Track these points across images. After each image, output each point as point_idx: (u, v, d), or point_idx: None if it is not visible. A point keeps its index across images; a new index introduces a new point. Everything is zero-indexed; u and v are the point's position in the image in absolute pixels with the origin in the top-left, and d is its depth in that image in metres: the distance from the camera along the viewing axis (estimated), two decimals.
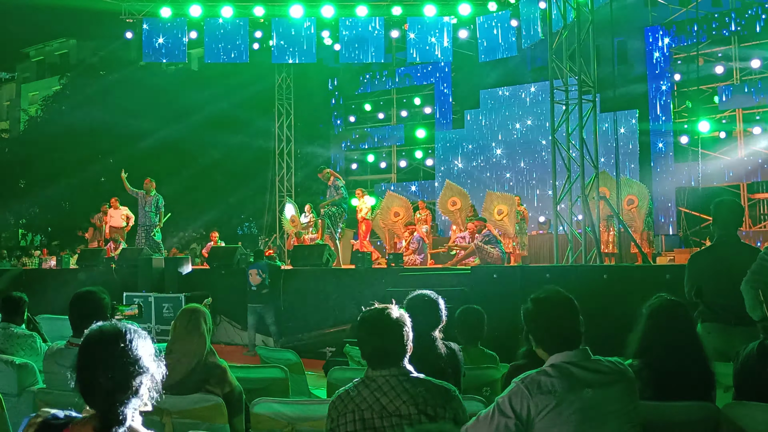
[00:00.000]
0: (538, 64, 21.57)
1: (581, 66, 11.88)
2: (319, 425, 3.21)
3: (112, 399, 2.19)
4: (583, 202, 11.47)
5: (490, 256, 12.04)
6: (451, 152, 21.94)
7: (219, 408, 3.71)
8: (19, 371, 4.49)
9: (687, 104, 18.83)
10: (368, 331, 3.05)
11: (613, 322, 7.29)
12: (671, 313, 3.54)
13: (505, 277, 9.52)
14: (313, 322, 11.81)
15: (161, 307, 12.64)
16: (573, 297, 3.01)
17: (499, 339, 7.15)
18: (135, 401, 2.24)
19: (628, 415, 2.84)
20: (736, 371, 3.57)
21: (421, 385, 2.96)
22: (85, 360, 2.24)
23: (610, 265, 12.06)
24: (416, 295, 4.21)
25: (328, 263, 12.53)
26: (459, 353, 4.23)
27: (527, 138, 20.51)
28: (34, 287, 13.63)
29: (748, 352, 3.57)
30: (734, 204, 5.41)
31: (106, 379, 2.19)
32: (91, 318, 4.14)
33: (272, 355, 6.09)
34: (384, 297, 3.56)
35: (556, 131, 12.05)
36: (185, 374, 3.78)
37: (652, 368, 3.41)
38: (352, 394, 2.99)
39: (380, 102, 24.19)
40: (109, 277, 13.61)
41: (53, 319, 6.83)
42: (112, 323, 2.34)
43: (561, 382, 2.81)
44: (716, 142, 18.51)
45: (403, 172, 23.99)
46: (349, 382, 3.08)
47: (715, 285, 4.94)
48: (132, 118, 25.92)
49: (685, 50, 18.98)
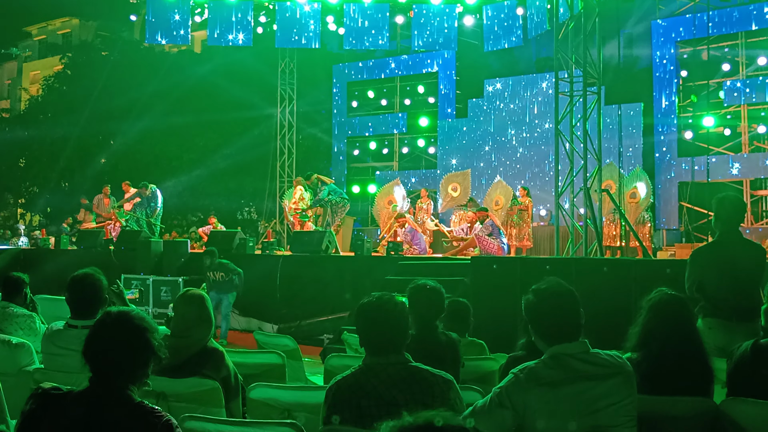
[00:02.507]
0: (544, 54, 21.47)
1: (587, 58, 11.83)
2: (315, 412, 3.20)
3: (117, 376, 2.34)
4: (585, 195, 11.45)
5: (490, 248, 12.02)
6: (454, 141, 21.88)
7: (215, 392, 3.70)
8: (17, 351, 4.48)
9: (692, 99, 18.77)
10: (368, 318, 3.03)
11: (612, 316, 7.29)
12: (672, 308, 3.54)
13: (505, 268, 9.50)
14: (311, 309, 11.80)
15: (159, 290, 12.64)
16: (574, 289, 3.00)
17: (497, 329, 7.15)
18: (135, 378, 2.39)
19: (624, 408, 2.84)
20: (730, 370, 3.58)
21: (420, 375, 2.95)
22: (96, 338, 2.40)
23: (611, 258, 12.05)
24: (419, 283, 4.21)
25: (327, 250, 12.51)
26: (458, 343, 4.23)
27: (531, 129, 20.45)
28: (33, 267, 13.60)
29: (742, 352, 3.57)
30: (737, 200, 5.39)
31: (113, 358, 2.35)
32: (89, 300, 4.18)
33: (270, 341, 6.08)
34: (384, 285, 3.55)
35: (560, 123, 12.01)
36: (186, 358, 3.78)
37: (650, 362, 3.41)
38: (350, 382, 2.98)
39: (383, 89, 24.09)
40: (107, 259, 13.59)
41: (50, 300, 6.81)
42: (126, 307, 2.62)
43: (559, 374, 2.80)
44: (720, 138, 18.45)
45: (404, 160, 23.93)
46: (347, 370, 3.07)
47: (718, 281, 4.93)
48: (133, 99, 25.90)
49: (691, 44, 18.91)
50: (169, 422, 2.28)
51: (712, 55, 18.72)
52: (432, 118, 22.75)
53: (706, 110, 18.22)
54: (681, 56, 19.13)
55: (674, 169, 18.76)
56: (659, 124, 18.90)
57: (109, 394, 2.29)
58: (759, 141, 18.27)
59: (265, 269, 12.39)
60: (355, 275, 11.55)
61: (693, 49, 18.87)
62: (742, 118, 18.24)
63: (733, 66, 18.42)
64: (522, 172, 20.32)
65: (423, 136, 23.02)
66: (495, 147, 21.03)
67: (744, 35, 18.27)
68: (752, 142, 18.30)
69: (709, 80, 18.52)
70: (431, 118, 22.76)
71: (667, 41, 19.03)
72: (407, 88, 23.75)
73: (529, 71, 21.36)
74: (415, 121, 22.95)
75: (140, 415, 2.27)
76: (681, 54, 19.14)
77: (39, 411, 2.26)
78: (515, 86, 20.96)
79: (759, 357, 3.52)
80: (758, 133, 17.92)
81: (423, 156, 23.47)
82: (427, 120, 22.73)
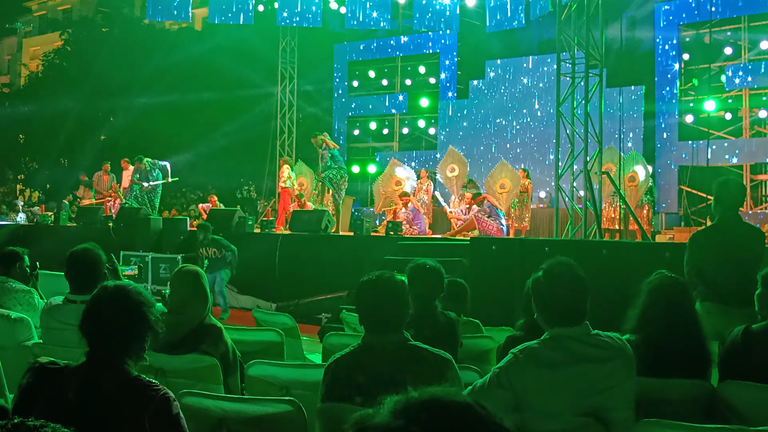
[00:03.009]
0: (546, 36, 21.33)
1: (589, 40, 11.77)
2: (313, 389, 3.21)
3: (113, 350, 2.34)
4: (585, 177, 11.44)
5: (490, 229, 12.02)
6: (455, 122, 21.82)
7: (214, 368, 3.71)
8: (15, 325, 4.48)
9: (693, 82, 18.71)
10: (368, 295, 3.03)
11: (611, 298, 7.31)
12: (671, 291, 3.54)
13: (504, 249, 9.51)
14: (309, 288, 11.81)
15: (158, 267, 12.64)
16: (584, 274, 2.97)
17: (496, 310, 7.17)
18: (132, 353, 2.38)
19: (623, 391, 2.84)
20: (721, 355, 3.59)
21: (418, 353, 2.95)
22: (94, 311, 2.41)
23: (610, 240, 12.06)
24: (419, 263, 4.21)
25: (326, 229, 12.51)
26: (457, 323, 4.24)
27: (532, 110, 20.40)
28: (32, 242, 13.60)
29: (734, 337, 3.58)
30: (737, 184, 5.38)
31: (110, 331, 2.35)
32: (87, 275, 4.18)
33: (268, 319, 6.09)
34: (383, 265, 3.55)
35: (561, 105, 11.97)
36: (184, 335, 3.79)
37: (649, 344, 3.41)
38: (348, 360, 2.98)
39: (384, 69, 23.98)
40: (106, 235, 13.57)
41: (49, 275, 6.80)
42: (123, 282, 2.57)
43: (559, 356, 2.80)
44: (721, 122, 18.41)
45: (405, 141, 23.87)
46: (345, 348, 3.07)
47: (717, 265, 4.92)
48: (133, 76, 25.78)
49: (693, 28, 18.81)
50: (166, 395, 2.28)
51: (715, 39, 18.62)
52: (433, 99, 22.67)
53: (708, 94, 18.16)
54: (683, 40, 19.03)
55: (674, 153, 18.72)
56: (660, 107, 18.85)
57: (105, 368, 2.29)
58: (760, 125, 18.24)
59: (264, 248, 12.39)
60: (354, 255, 11.55)
61: (695, 32, 18.78)
62: (743, 102, 18.18)
63: (735, 50, 18.34)
64: (522, 154, 20.28)
65: (423, 116, 22.95)
66: (496, 128, 20.98)
67: (746, 19, 18.16)
68: (753, 127, 18.27)
69: (711, 64, 18.45)
70: (432, 99, 22.68)
71: (669, 24, 18.93)
72: (408, 69, 23.64)
73: (531, 53, 21.23)
74: (416, 101, 22.87)
75: (137, 388, 2.27)
76: (683, 37, 19.04)
77: (36, 385, 2.26)
78: (517, 68, 20.87)
79: (750, 342, 3.52)
80: (759, 117, 17.89)
81: (423, 137, 23.42)
82: (427, 101, 22.65)
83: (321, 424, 2.92)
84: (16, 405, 2.27)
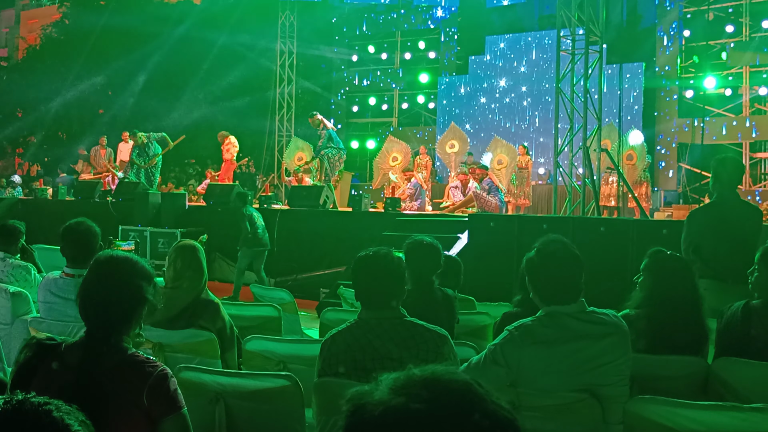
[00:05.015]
0: (546, 12, 21.20)
1: (590, 15, 11.69)
2: (310, 364, 3.22)
3: (109, 323, 2.32)
4: (584, 154, 11.42)
5: (488, 205, 12.03)
6: (454, 98, 21.73)
7: (211, 343, 3.73)
8: (13, 299, 4.50)
9: (694, 59, 18.62)
10: (364, 271, 3.03)
11: (608, 275, 7.33)
12: (672, 267, 3.56)
13: (502, 226, 9.51)
14: (307, 263, 11.83)
15: (157, 242, 12.63)
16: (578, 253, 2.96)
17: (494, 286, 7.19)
18: (129, 327, 2.37)
19: (618, 368, 2.84)
20: (719, 330, 3.60)
21: (414, 329, 2.96)
22: (90, 283, 2.40)
23: (608, 218, 12.07)
24: (416, 239, 4.21)
25: (325, 205, 12.51)
26: (454, 299, 4.25)
27: (531, 87, 20.31)
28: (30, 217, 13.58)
29: (732, 312, 3.59)
30: (736, 162, 5.37)
31: (106, 303, 2.34)
32: (83, 248, 4.18)
33: (266, 294, 6.10)
34: (381, 241, 3.55)
35: (560, 81, 11.92)
36: (180, 309, 3.80)
37: (648, 320, 3.42)
38: (345, 335, 2.99)
39: (384, 44, 23.85)
40: (105, 210, 13.56)
41: (47, 250, 6.81)
42: (122, 252, 2.53)
43: (554, 333, 2.80)
44: (721, 99, 18.36)
45: (404, 116, 23.80)
46: (342, 323, 3.08)
47: (715, 243, 4.91)
48: (131, 51, 25.61)
49: (695, 4, 18.70)
50: (164, 371, 2.29)
51: (717, 16, 18.52)
52: (432, 74, 22.57)
53: (708, 71, 18.10)
54: (685, 16, 18.92)
55: (674, 130, 18.68)
56: (660, 84, 18.78)
57: (103, 343, 2.29)
58: (760, 103, 18.18)
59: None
60: (352, 230, 11.55)
61: (697, 9, 18.67)
62: (743, 79, 18.11)
63: (737, 27, 18.24)
64: (521, 130, 20.22)
65: (423, 92, 22.86)
66: (495, 104, 20.90)
67: None
68: (753, 104, 18.22)
69: (712, 41, 18.37)
70: (431, 74, 22.57)
71: (671, 1, 18.81)
72: (408, 44, 23.50)
73: (531, 28, 21.10)
74: (415, 77, 22.77)
75: (134, 364, 2.27)
76: (685, 14, 18.93)
77: (34, 360, 2.26)
78: (517, 43, 20.74)
79: (749, 317, 3.54)
80: (759, 95, 17.82)
81: (422, 112, 23.35)
82: (427, 76, 22.54)
83: (317, 399, 2.93)
84: (14, 380, 2.27)
